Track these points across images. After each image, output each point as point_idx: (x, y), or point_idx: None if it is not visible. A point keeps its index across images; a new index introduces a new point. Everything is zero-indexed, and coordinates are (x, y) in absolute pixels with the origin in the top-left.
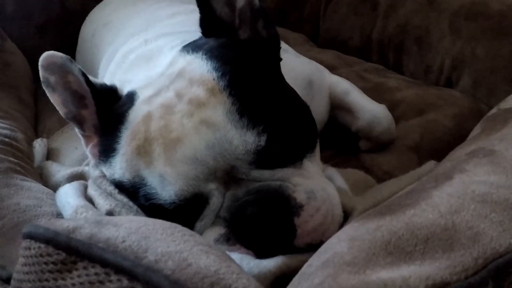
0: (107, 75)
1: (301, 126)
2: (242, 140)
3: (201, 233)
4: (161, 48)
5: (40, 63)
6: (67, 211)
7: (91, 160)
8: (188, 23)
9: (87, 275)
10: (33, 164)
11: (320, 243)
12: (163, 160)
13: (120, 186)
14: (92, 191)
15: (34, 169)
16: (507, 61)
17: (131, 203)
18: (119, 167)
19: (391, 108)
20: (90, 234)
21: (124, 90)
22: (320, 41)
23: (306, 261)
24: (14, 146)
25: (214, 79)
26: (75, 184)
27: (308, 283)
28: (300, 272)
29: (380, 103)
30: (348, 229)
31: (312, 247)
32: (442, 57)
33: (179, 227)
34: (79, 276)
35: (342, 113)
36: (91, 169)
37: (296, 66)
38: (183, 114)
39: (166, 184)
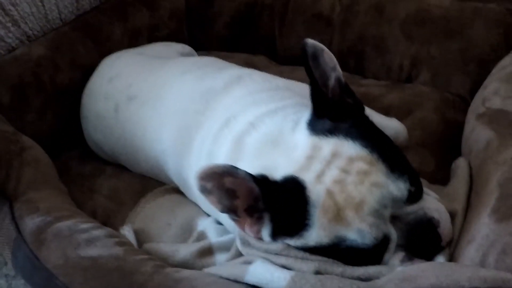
0: (222, 161)
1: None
2: (399, 190)
3: (388, 260)
4: (280, 131)
5: (198, 175)
6: (279, 283)
7: (251, 236)
8: (261, 96)
9: None
10: None
11: (451, 240)
12: (357, 219)
13: (314, 249)
14: (283, 261)
15: None
16: (457, 55)
17: (325, 258)
18: (315, 236)
19: (385, 114)
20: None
21: (274, 175)
22: (279, 59)
23: (451, 254)
24: (125, 243)
25: (368, 154)
26: (264, 260)
27: (494, 256)
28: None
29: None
30: (495, 232)
31: (448, 244)
32: (400, 59)
33: (414, 266)
34: None
35: None
36: (258, 243)
37: None
38: (356, 183)
39: (365, 234)
